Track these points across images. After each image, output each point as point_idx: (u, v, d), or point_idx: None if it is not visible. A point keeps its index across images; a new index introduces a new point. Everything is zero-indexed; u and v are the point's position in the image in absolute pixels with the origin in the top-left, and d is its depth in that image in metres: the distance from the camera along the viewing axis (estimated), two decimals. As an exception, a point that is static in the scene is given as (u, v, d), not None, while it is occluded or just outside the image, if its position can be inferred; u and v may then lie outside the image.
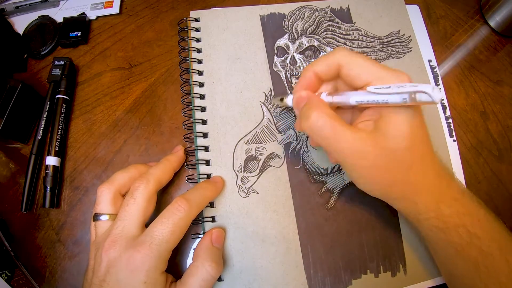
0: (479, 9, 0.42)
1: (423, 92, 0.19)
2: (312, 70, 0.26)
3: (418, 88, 0.19)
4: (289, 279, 0.29)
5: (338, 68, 0.25)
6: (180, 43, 0.37)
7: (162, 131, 0.35)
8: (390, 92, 0.21)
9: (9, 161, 0.35)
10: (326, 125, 0.23)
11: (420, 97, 0.19)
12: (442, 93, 0.19)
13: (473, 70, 0.39)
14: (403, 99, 0.20)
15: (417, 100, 0.19)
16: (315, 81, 0.27)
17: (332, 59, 0.25)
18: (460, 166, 0.34)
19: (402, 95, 0.20)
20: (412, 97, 0.19)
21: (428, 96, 0.19)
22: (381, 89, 0.21)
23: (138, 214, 0.26)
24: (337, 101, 0.25)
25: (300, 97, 0.26)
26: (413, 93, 0.19)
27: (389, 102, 0.21)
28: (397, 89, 0.20)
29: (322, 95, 0.26)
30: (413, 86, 0.19)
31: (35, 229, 0.32)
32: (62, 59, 0.36)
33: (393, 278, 0.30)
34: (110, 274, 0.24)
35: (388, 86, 0.21)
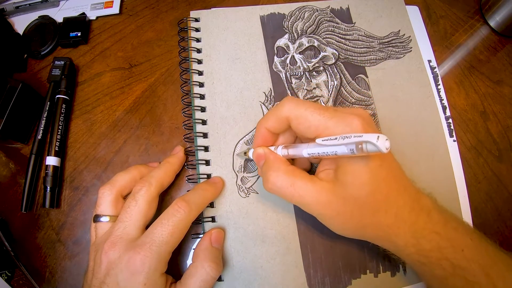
0: (479, 9, 0.42)
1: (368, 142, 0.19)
2: (264, 126, 0.27)
3: (362, 139, 0.19)
4: (289, 279, 0.29)
5: (287, 121, 0.25)
6: (180, 43, 0.37)
7: (162, 131, 0.35)
8: (336, 144, 0.21)
9: (9, 161, 0.35)
10: (285, 184, 0.24)
11: (367, 147, 0.19)
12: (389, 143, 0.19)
13: (473, 70, 0.39)
14: (351, 150, 0.20)
15: (364, 150, 0.19)
16: (270, 136, 0.27)
17: (280, 114, 0.25)
18: (460, 166, 0.34)
19: (349, 146, 0.20)
20: (359, 148, 0.19)
21: (374, 146, 0.18)
22: (328, 141, 0.21)
23: (139, 216, 0.26)
24: (292, 153, 0.25)
25: (258, 155, 0.27)
26: (360, 143, 0.19)
27: (338, 153, 0.21)
28: (342, 141, 0.20)
29: (278, 149, 0.27)
30: (358, 137, 0.19)
31: (35, 229, 0.32)
32: (62, 59, 0.36)
33: (392, 278, 0.30)
34: (110, 276, 0.24)
35: (334, 137, 0.21)
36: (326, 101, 0.35)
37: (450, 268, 0.23)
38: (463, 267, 0.23)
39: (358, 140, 0.19)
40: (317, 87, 0.35)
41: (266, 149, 0.27)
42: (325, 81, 0.35)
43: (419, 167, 0.33)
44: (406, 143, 0.34)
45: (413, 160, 0.33)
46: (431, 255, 0.23)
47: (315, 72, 0.36)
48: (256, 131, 0.28)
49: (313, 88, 0.35)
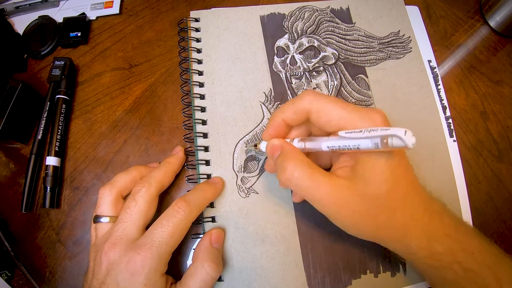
0: (479, 9, 0.42)
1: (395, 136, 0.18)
2: (281, 117, 0.25)
3: (389, 132, 0.18)
4: (289, 279, 0.29)
5: (307, 114, 0.24)
6: (180, 43, 0.37)
7: (162, 131, 0.35)
8: (361, 137, 0.20)
9: (9, 161, 0.35)
10: (303, 176, 0.23)
11: (392, 141, 0.18)
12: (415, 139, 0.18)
13: (473, 70, 0.39)
14: (375, 144, 0.19)
15: (389, 145, 0.18)
16: (284, 128, 0.26)
17: (299, 105, 0.24)
18: (460, 166, 0.34)
19: (373, 140, 0.19)
20: (384, 142, 0.18)
21: (400, 141, 0.18)
22: (352, 134, 0.21)
23: (139, 217, 0.26)
24: (310, 147, 0.24)
25: (273, 146, 0.26)
26: (385, 137, 0.18)
27: (360, 147, 0.20)
28: (368, 134, 0.19)
29: (294, 141, 0.25)
30: (385, 130, 0.19)
31: (35, 229, 0.32)
32: (62, 59, 0.36)
33: (392, 278, 0.30)
34: (110, 276, 0.24)
35: (359, 130, 0.20)
36: (326, 101, 0.35)
37: (462, 271, 0.23)
38: (474, 271, 0.23)
39: (385, 133, 0.19)
40: (317, 87, 0.35)
41: (282, 140, 0.26)
42: (325, 81, 0.35)
43: (419, 167, 0.33)
44: (406, 143, 0.34)
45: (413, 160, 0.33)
46: (443, 258, 0.23)
47: (315, 72, 0.36)
48: (270, 122, 0.26)
49: (313, 88, 0.35)
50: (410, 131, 0.18)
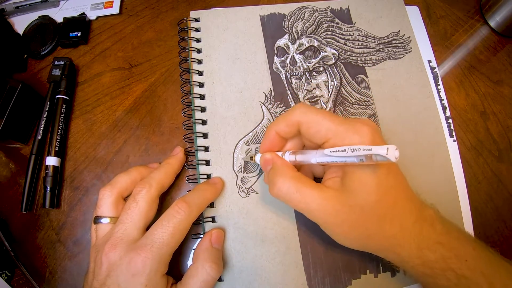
0: (479, 9, 0.42)
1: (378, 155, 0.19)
2: (274, 130, 0.26)
3: (371, 152, 0.19)
4: (289, 279, 0.29)
5: (298, 126, 0.25)
6: (180, 43, 0.37)
7: (162, 131, 0.35)
8: (345, 156, 0.21)
9: (9, 161, 0.35)
10: (291, 190, 0.24)
11: (376, 157, 0.19)
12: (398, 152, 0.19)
13: (473, 70, 0.39)
14: (360, 159, 0.20)
15: (373, 159, 0.19)
16: (278, 140, 0.27)
17: (291, 117, 0.25)
18: (460, 166, 0.34)
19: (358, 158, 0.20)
20: (369, 157, 0.19)
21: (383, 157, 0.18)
22: (336, 153, 0.21)
23: (139, 217, 0.26)
24: (300, 160, 0.25)
25: (265, 160, 0.27)
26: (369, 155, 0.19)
27: (347, 162, 0.21)
28: (351, 153, 0.20)
29: (286, 154, 0.27)
30: (367, 150, 0.19)
31: (35, 229, 0.32)
32: (62, 59, 0.36)
33: (392, 278, 0.30)
34: (111, 277, 0.24)
35: (343, 149, 0.21)
36: (326, 101, 0.35)
37: (455, 278, 0.23)
38: (467, 277, 0.23)
39: (367, 153, 0.19)
40: (317, 87, 0.35)
41: (274, 154, 0.27)
42: (325, 81, 0.35)
43: (419, 167, 0.33)
44: (406, 143, 0.34)
45: (413, 160, 0.33)
46: (435, 266, 0.23)
47: (315, 72, 0.36)
48: (265, 135, 0.27)
49: (313, 88, 0.35)
50: (393, 146, 0.18)
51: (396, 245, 0.24)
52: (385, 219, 0.23)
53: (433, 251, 0.23)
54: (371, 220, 0.23)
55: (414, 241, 0.23)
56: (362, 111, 0.35)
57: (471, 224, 0.32)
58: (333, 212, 0.23)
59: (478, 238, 0.32)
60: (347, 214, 0.23)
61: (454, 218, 0.32)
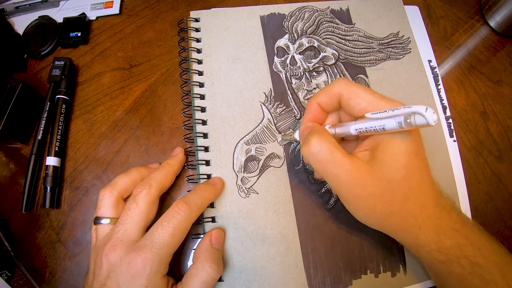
0: (479, 9, 0.42)
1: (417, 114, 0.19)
2: (315, 101, 0.27)
3: (412, 110, 0.19)
4: (289, 279, 0.29)
5: (339, 98, 0.25)
6: (180, 43, 0.37)
7: (162, 132, 0.35)
8: (386, 116, 0.21)
9: (9, 161, 0.35)
10: (324, 150, 0.23)
11: (415, 120, 0.19)
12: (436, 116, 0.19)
13: (473, 70, 0.39)
14: (399, 123, 0.20)
15: (412, 124, 0.19)
16: (320, 113, 0.27)
17: (332, 89, 0.25)
18: (460, 166, 0.34)
19: (397, 119, 0.20)
20: (408, 122, 0.19)
21: (423, 118, 0.19)
22: (377, 114, 0.22)
23: (139, 218, 0.26)
24: (339, 131, 0.26)
25: (305, 127, 0.27)
26: (408, 116, 0.19)
27: (386, 128, 0.21)
28: (392, 113, 0.21)
29: (325, 127, 0.27)
30: (407, 108, 0.20)
31: (35, 229, 0.32)
32: (62, 59, 0.36)
33: (393, 278, 0.30)
34: (111, 278, 0.24)
35: (384, 111, 0.21)
36: (326, 101, 0.35)
37: (469, 266, 0.23)
38: (481, 265, 0.23)
39: (408, 111, 0.19)
40: (317, 88, 0.35)
41: (315, 123, 0.27)
42: (325, 81, 0.35)
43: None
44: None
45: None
46: (451, 252, 0.24)
47: (315, 72, 0.36)
48: (307, 108, 0.27)
49: (313, 89, 0.35)
50: (431, 109, 0.19)
51: (415, 226, 0.24)
52: (408, 198, 0.23)
53: (449, 237, 0.23)
54: (395, 197, 0.23)
55: (432, 225, 0.24)
56: (362, 111, 0.35)
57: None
58: (360, 183, 0.23)
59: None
60: (374, 187, 0.23)
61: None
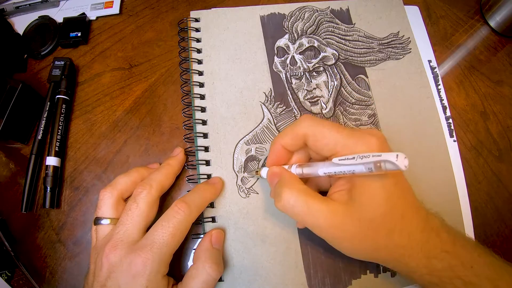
0: (479, 9, 0.42)
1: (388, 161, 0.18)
2: (279, 143, 0.26)
3: (381, 158, 0.19)
4: (289, 279, 0.29)
5: (304, 139, 0.25)
6: (180, 43, 0.37)
7: (162, 132, 0.35)
8: (354, 163, 0.21)
9: (9, 161, 0.35)
10: (298, 203, 0.23)
11: (385, 165, 0.19)
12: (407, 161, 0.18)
13: (473, 70, 0.39)
14: (369, 168, 0.20)
15: (382, 168, 0.19)
16: (285, 153, 0.27)
17: (298, 130, 0.25)
18: (460, 166, 0.34)
19: (366, 166, 0.20)
20: (378, 166, 0.19)
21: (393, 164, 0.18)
22: (345, 161, 0.21)
23: (140, 219, 0.26)
24: (307, 172, 0.25)
25: (272, 173, 0.27)
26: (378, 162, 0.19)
27: (355, 172, 0.21)
28: (360, 160, 0.20)
29: (293, 167, 0.26)
30: (376, 156, 0.19)
31: (35, 229, 0.32)
32: (62, 59, 0.36)
33: (392, 279, 0.30)
34: (111, 279, 0.24)
35: (352, 157, 0.21)
36: (326, 101, 0.35)
37: (462, 286, 0.23)
38: (474, 283, 0.23)
39: (377, 159, 0.19)
40: (317, 88, 0.35)
41: (281, 167, 0.27)
42: (325, 81, 0.35)
43: (419, 167, 0.33)
44: (406, 143, 0.34)
45: (413, 160, 0.33)
46: (442, 274, 0.23)
47: (315, 72, 0.36)
48: (271, 149, 0.27)
49: (313, 89, 0.35)
50: (402, 154, 0.18)
51: (404, 255, 0.24)
52: (394, 231, 0.23)
53: (440, 260, 0.23)
54: (380, 233, 0.23)
55: (421, 250, 0.23)
56: (362, 111, 0.35)
57: (471, 224, 0.33)
58: (341, 226, 0.23)
59: (479, 238, 0.32)
60: (356, 228, 0.23)
61: (454, 218, 0.32)
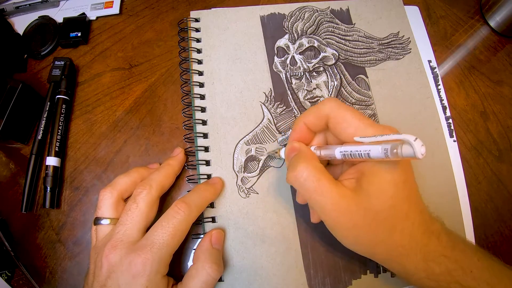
0: (479, 9, 0.42)
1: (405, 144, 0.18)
2: (303, 121, 0.26)
3: (401, 137, 0.18)
4: (289, 279, 0.29)
5: (327, 120, 0.25)
6: (180, 44, 0.37)
7: (162, 132, 0.35)
8: (373, 141, 0.20)
9: (9, 161, 0.35)
10: (311, 177, 0.23)
11: (401, 151, 0.18)
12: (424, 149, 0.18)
13: (473, 70, 0.39)
14: (385, 151, 0.19)
15: (399, 154, 0.18)
16: (307, 133, 0.27)
17: (321, 110, 0.25)
18: (460, 166, 0.34)
19: (384, 146, 0.19)
20: (394, 152, 0.19)
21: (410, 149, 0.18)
22: (365, 138, 0.21)
23: (140, 219, 0.26)
24: (324, 154, 0.25)
25: (292, 147, 0.26)
26: (395, 146, 0.19)
27: (371, 155, 0.20)
28: (380, 138, 0.20)
29: (311, 148, 0.26)
30: (397, 135, 0.19)
31: (35, 229, 0.32)
32: (62, 59, 0.36)
33: (392, 279, 0.30)
34: (111, 279, 0.24)
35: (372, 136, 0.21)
36: (326, 101, 0.35)
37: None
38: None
39: (397, 137, 0.19)
40: (317, 88, 0.35)
41: (301, 143, 0.26)
42: (325, 81, 0.35)
43: (419, 167, 0.33)
44: (406, 143, 0.34)
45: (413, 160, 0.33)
46: (441, 278, 0.23)
47: (315, 72, 0.36)
48: (294, 126, 0.27)
49: (313, 89, 0.35)
50: (420, 141, 0.18)
51: (403, 255, 0.23)
52: (396, 228, 0.23)
53: (438, 264, 0.23)
54: (382, 227, 0.23)
55: (420, 253, 0.23)
56: (362, 111, 0.35)
57: (471, 224, 0.32)
58: (347, 213, 0.23)
59: (479, 239, 0.32)
60: (360, 217, 0.23)
61: (454, 218, 0.32)
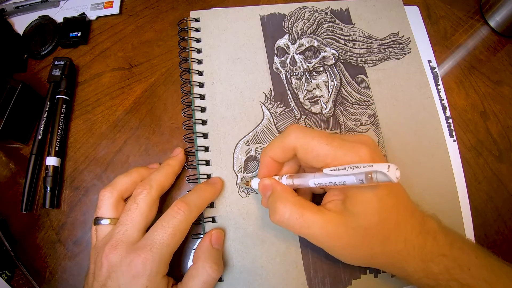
0: (479, 9, 0.42)
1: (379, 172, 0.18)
2: (268, 155, 0.26)
3: (373, 169, 0.19)
4: (289, 279, 0.29)
5: (293, 151, 0.25)
6: (180, 44, 0.37)
7: (162, 132, 0.35)
8: (345, 174, 0.20)
9: (9, 161, 0.35)
10: (293, 216, 0.23)
11: (377, 177, 0.18)
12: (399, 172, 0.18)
13: (473, 70, 0.39)
14: (359, 180, 0.19)
15: (374, 180, 0.19)
16: (275, 165, 0.27)
17: (286, 142, 0.25)
18: (460, 166, 0.34)
19: (358, 176, 0.20)
20: (369, 177, 0.19)
21: (384, 176, 0.18)
22: (336, 171, 0.21)
23: (140, 219, 0.26)
24: (298, 183, 0.25)
25: (264, 186, 0.27)
26: (369, 173, 0.19)
27: (346, 183, 0.21)
28: (351, 171, 0.20)
29: (283, 178, 0.26)
30: (368, 167, 0.19)
31: (35, 229, 0.32)
32: (62, 59, 0.36)
33: (392, 279, 0.30)
34: (111, 279, 0.24)
35: (343, 167, 0.21)
36: (326, 101, 0.35)
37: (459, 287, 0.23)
38: (471, 286, 0.23)
39: (368, 170, 0.19)
40: (317, 88, 0.35)
41: (273, 179, 0.27)
42: (325, 81, 0.35)
43: (419, 167, 0.33)
44: (406, 143, 0.34)
45: (413, 160, 0.33)
46: (439, 277, 0.23)
47: (315, 72, 0.36)
48: (261, 161, 0.27)
49: (313, 89, 0.35)
50: (394, 166, 0.18)
51: (401, 260, 0.24)
52: (389, 238, 0.23)
53: (436, 264, 0.23)
54: (375, 241, 0.23)
55: (418, 255, 0.23)
56: (362, 111, 0.35)
57: (471, 224, 0.32)
58: (337, 235, 0.23)
59: (479, 238, 0.32)
60: (351, 237, 0.23)
61: (454, 218, 0.32)
